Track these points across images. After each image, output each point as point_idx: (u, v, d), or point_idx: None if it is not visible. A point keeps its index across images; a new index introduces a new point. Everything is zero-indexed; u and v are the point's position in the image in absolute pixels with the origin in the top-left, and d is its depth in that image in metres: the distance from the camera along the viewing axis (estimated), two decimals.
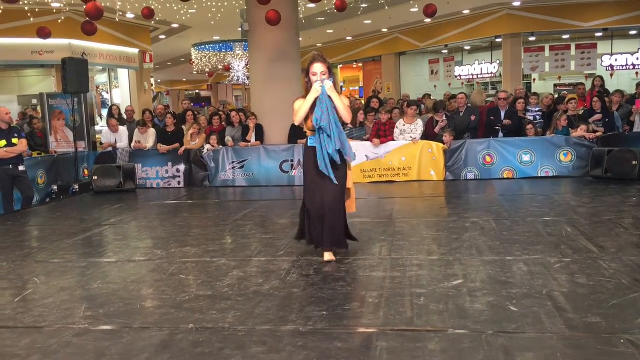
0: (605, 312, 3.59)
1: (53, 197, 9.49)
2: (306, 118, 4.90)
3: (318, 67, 4.87)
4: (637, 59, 16.60)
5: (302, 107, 4.89)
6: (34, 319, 3.90)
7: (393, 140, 9.75)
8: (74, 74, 9.76)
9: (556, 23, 17.20)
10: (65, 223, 7.44)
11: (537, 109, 10.21)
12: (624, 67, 17.47)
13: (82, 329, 3.69)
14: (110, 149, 10.53)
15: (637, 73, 17.40)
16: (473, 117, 9.89)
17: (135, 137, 10.63)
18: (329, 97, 4.77)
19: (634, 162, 8.47)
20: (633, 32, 17.03)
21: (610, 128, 9.47)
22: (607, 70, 17.32)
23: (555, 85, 12.18)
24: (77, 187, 9.71)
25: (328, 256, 4.98)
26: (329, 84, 4.79)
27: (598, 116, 9.57)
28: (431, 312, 3.70)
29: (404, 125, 9.85)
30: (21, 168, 8.24)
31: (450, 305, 3.79)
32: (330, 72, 4.92)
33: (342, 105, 4.85)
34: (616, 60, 17.38)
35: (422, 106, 12.31)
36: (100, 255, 5.62)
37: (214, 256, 5.35)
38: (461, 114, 10.00)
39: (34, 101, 13.32)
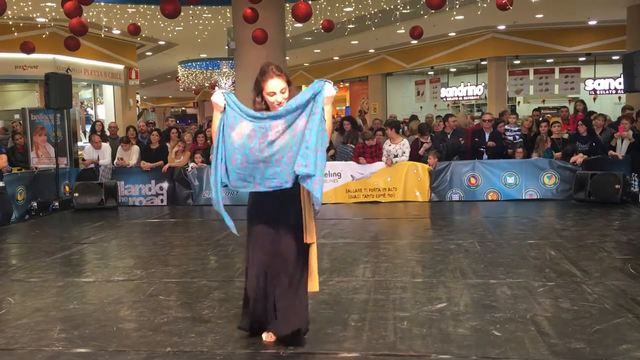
0: (588, 337, 3.55)
1: (32, 213, 9.32)
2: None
3: (275, 85, 3.42)
4: (620, 83, 16.81)
5: (213, 134, 3.44)
6: (6, 340, 3.78)
7: (381, 161, 9.74)
8: (57, 89, 9.65)
9: (540, 47, 17.46)
10: (44, 241, 7.30)
11: (516, 129, 10.30)
12: (607, 92, 17.72)
13: (56, 351, 3.58)
14: (92, 165, 10.40)
15: (619, 97, 17.64)
16: (462, 141, 9.93)
17: (118, 154, 10.52)
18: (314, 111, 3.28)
19: (616, 186, 8.52)
20: (615, 57, 17.29)
21: (598, 151, 9.53)
22: (590, 94, 17.56)
23: (533, 111, 12.41)
24: (57, 204, 9.56)
25: (266, 336, 3.60)
26: (330, 89, 3.30)
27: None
28: (414, 336, 3.65)
29: (389, 145, 9.86)
30: (0, 184, 8.09)
31: (433, 330, 3.74)
32: (290, 86, 3.49)
33: (330, 122, 3.46)
34: (599, 84, 17.64)
35: (406, 128, 12.33)
36: (78, 275, 5.50)
37: (194, 276, 5.25)
38: (449, 136, 10.04)
39: (16, 116, 13.16)
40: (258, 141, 3.27)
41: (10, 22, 12.07)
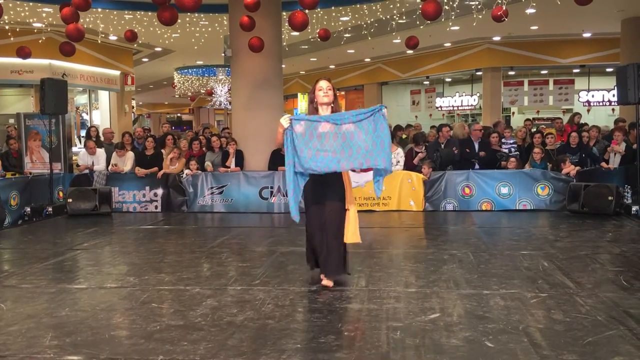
0: (581, 349, 3.56)
1: (25, 219, 9.28)
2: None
3: (323, 83, 5.00)
4: (613, 95, 16.95)
5: (277, 139, 4.96)
6: None
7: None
8: (53, 94, 9.63)
9: (535, 58, 17.58)
10: (37, 246, 7.27)
11: (511, 141, 10.35)
12: (600, 103, 17.83)
13: (47, 358, 3.56)
14: (86, 171, 10.37)
15: (613, 109, 17.76)
16: (456, 151, 9.96)
17: (113, 160, 10.49)
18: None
19: (609, 198, 8.56)
20: (609, 70, 17.43)
21: (588, 163, 9.60)
22: (584, 105, 17.68)
23: (524, 122, 12.53)
24: (50, 209, 9.52)
25: (326, 282, 5.00)
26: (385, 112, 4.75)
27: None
28: (407, 346, 3.65)
29: None
30: None
31: (426, 340, 3.74)
32: (335, 92, 5.03)
33: None
34: (593, 96, 17.76)
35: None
36: (71, 281, 5.48)
37: (188, 284, 5.24)
38: (442, 146, 10.08)
39: (11, 120, 13.13)
40: (317, 138, 4.71)
41: (7, 27, 12.08)
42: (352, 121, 4.71)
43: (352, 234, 4.97)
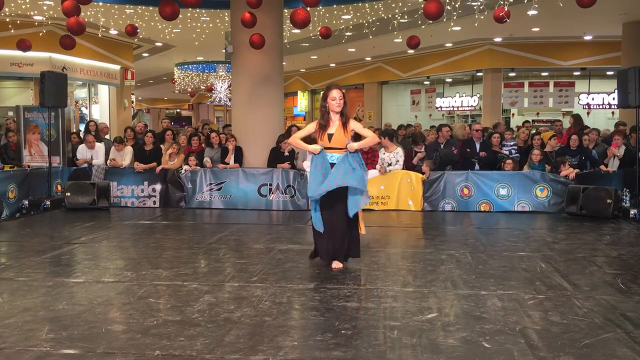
0: (577, 351, 3.56)
1: (23, 212, 9.26)
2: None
3: (336, 93, 5.55)
4: (613, 98, 16.93)
5: (297, 143, 5.85)
6: None
7: (374, 169, 9.75)
8: (53, 87, 9.61)
9: (536, 60, 17.57)
10: (34, 240, 7.26)
11: (512, 143, 10.35)
12: (601, 106, 17.83)
13: (43, 352, 3.55)
14: (85, 165, 10.35)
15: (612, 112, 17.76)
16: (455, 151, 9.96)
17: (111, 154, 10.47)
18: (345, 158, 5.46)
19: (608, 201, 8.56)
20: (610, 73, 17.42)
21: (587, 165, 9.60)
22: (584, 108, 17.67)
23: (523, 123, 12.51)
24: (48, 202, 9.50)
25: (335, 264, 5.60)
26: (353, 146, 5.46)
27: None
28: (404, 345, 3.65)
29: (384, 153, 9.89)
30: None
31: (423, 340, 3.74)
32: (345, 100, 5.58)
33: (367, 141, 5.79)
34: (593, 99, 17.74)
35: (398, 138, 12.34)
36: (68, 275, 5.47)
37: (185, 280, 5.23)
38: (442, 146, 10.07)
39: (10, 113, 13.10)
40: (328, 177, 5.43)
41: (8, 19, 12.04)
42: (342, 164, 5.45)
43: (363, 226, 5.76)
